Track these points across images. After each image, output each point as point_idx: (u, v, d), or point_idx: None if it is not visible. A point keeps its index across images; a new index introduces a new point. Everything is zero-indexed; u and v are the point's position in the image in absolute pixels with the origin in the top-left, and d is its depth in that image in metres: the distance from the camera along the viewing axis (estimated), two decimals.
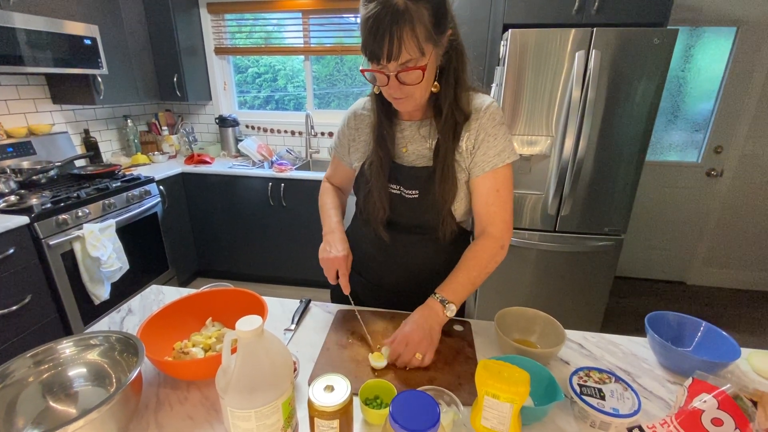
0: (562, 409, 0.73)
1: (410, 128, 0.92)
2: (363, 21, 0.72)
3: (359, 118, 0.98)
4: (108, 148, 2.84)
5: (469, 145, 0.88)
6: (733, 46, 2.53)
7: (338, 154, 1.05)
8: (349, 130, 1.00)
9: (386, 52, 0.71)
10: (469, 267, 0.88)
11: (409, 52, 0.72)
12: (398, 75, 0.75)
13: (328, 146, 3.10)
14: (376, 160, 0.91)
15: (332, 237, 0.96)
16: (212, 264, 3.02)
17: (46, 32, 1.93)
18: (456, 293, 0.85)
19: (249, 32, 3.06)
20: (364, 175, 0.95)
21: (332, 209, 1.04)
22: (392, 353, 0.81)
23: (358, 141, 0.99)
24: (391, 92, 0.80)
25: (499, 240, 0.89)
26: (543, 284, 2.27)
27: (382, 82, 0.78)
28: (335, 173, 1.11)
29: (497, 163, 0.87)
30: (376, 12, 0.69)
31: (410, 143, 0.92)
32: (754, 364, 0.84)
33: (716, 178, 2.79)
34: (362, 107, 0.98)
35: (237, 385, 0.54)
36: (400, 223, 0.95)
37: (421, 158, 0.91)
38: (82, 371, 0.74)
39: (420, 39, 0.71)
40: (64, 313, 1.93)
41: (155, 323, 0.81)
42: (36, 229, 1.77)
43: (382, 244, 0.97)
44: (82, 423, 0.55)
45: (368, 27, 0.71)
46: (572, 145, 1.97)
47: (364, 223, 1.01)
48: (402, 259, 0.98)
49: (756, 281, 2.98)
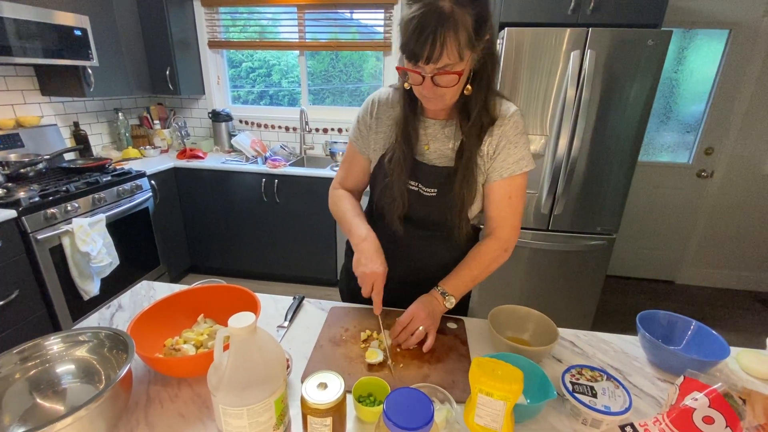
0: (554, 406, 0.73)
1: (434, 126, 0.92)
2: (406, 21, 0.71)
3: (381, 107, 0.96)
4: (98, 142, 2.80)
5: (490, 150, 0.89)
6: (726, 48, 2.56)
7: (356, 143, 1.01)
8: (370, 118, 0.97)
9: (427, 54, 0.70)
10: (471, 265, 0.93)
11: (449, 56, 0.71)
12: (434, 77, 0.75)
13: (321, 142, 3.09)
14: (399, 156, 0.90)
15: (367, 247, 0.89)
16: (204, 260, 2.99)
17: (35, 22, 1.89)
18: (457, 288, 0.91)
19: (243, 26, 3.03)
20: (383, 168, 0.94)
21: (357, 216, 0.98)
22: (397, 326, 0.84)
23: (377, 131, 0.96)
24: (424, 92, 0.79)
25: (505, 243, 0.93)
26: (536, 282, 2.29)
27: (417, 81, 0.78)
28: (350, 171, 1.05)
29: (514, 170, 0.88)
30: (421, 13, 0.69)
31: (432, 141, 0.92)
32: (742, 363, 0.85)
33: (706, 179, 2.83)
34: (386, 96, 0.96)
35: (229, 383, 0.54)
36: (414, 218, 0.96)
37: (443, 158, 0.91)
38: (71, 368, 0.72)
39: (461, 44, 0.71)
40: (53, 309, 1.90)
41: (146, 320, 0.80)
42: (24, 223, 1.73)
43: (395, 238, 0.97)
44: (70, 420, 0.54)
45: (412, 27, 0.70)
46: (566, 145, 1.98)
47: (377, 215, 1.00)
48: (413, 254, 1.00)
49: (743, 281, 3.03)
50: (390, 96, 0.95)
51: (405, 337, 0.84)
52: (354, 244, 0.93)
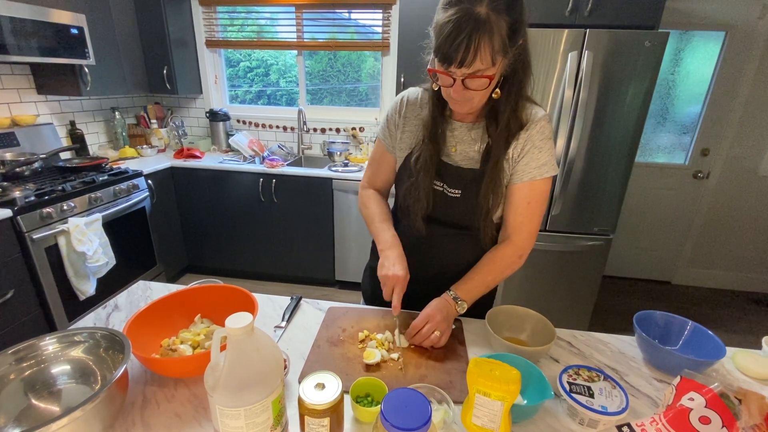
0: (551, 406, 0.73)
1: (460, 129, 0.92)
2: (441, 24, 0.71)
3: (410, 107, 0.96)
4: (95, 141, 2.78)
5: (515, 153, 0.88)
6: (722, 50, 2.58)
7: (385, 141, 1.02)
8: (399, 117, 0.97)
9: (460, 58, 0.71)
10: (485, 271, 0.93)
11: (482, 61, 0.71)
12: (465, 80, 0.75)
13: (319, 142, 3.09)
14: (426, 156, 0.90)
15: (392, 254, 0.92)
16: (201, 260, 2.98)
17: (31, 20, 1.88)
18: (469, 293, 0.91)
19: (241, 25, 3.02)
20: (408, 168, 0.95)
21: (384, 222, 1.01)
22: (412, 328, 0.85)
23: (404, 130, 0.97)
24: (453, 95, 0.79)
25: (520, 249, 0.93)
26: (533, 283, 2.29)
27: (447, 83, 0.78)
28: (378, 169, 1.06)
29: (536, 175, 0.88)
30: (457, 18, 0.69)
31: (459, 143, 0.92)
32: (738, 363, 0.86)
33: (702, 180, 2.84)
34: (415, 96, 0.96)
35: (226, 383, 0.54)
36: (438, 218, 0.96)
37: (468, 160, 0.92)
38: (66, 368, 0.72)
39: (495, 50, 0.71)
40: (48, 309, 1.89)
41: (142, 320, 0.79)
42: (19, 223, 1.72)
43: (418, 237, 0.98)
44: (65, 421, 0.53)
45: (447, 31, 0.70)
46: (564, 146, 1.99)
47: (402, 214, 1.01)
48: (436, 253, 1.00)
49: (739, 281, 3.05)
50: (420, 96, 0.96)
51: (420, 340, 0.85)
52: (380, 250, 0.96)
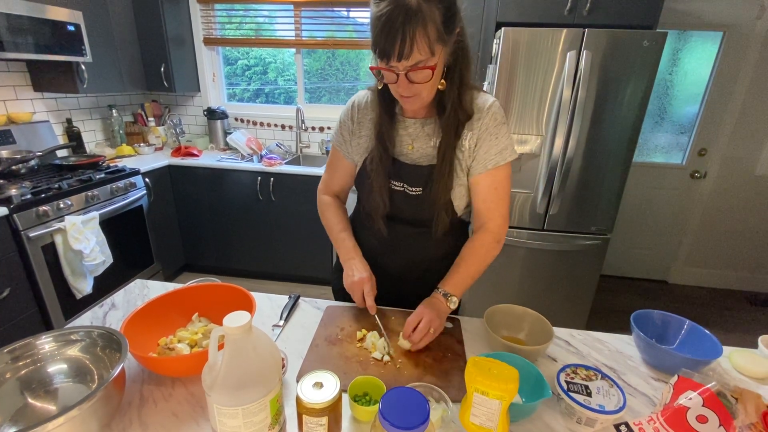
0: (549, 405, 0.73)
1: (414, 125, 0.91)
2: (374, 19, 0.71)
3: (362, 111, 0.95)
4: (91, 139, 2.77)
5: (471, 143, 0.88)
6: (719, 50, 2.58)
7: (340, 147, 1.01)
8: (352, 122, 0.97)
9: (397, 51, 0.70)
10: (468, 263, 0.93)
11: (421, 52, 0.71)
12: (408, 74, 0.74)
13: (318, 141, 3.08)
14: (376, 157, 0.90)
15: (353, 263, 0.95)
16: (199, 258, 2.97)
17: (27, 17, 1.86)
18: (457, 287, 0.91)
19: (239, 23, 3.01)
20: (366, 170, 0.95)
21: (342, 232, 1.02)
22: (407, 326, 0.85)
23: (360, 135, 0.96)
24: (400, 90, 0.79)
25: (496, 235, 0.93)
26: (531, 282, 2.30)
27: (391, 79, 0.77)
28: (335, 173, 1.05)
29: (498, 161, 0.88)
30: (388, 11, 0.68)
31: (415, 140, 0.92)
32: (734, 362, 0.86)
33: (699, 179, 2.85)
34: (365, 99, 0.96)
35: (224, 382, 0.53)
36: (402, 218, 0.96)
37: (426, 156, 0.91)
38: (63, 367, 0.72)
39: (431, 39, 0.71)
40: (45, 308, 1.88)
41: (139, 318, 0.79)
42: (15, 221, 1.71)
43: (384, 237, 0.99)
44: (62, 420, 0.53)
45: (380, 26, 0.70)
46: (562, 145, 1.99)
47: (366, 216, 1.01)
48: (403, 251, 1.00)
49: (735, 281, 3.06)
50: (368, 98, 0.95)
51: (418, 338, 0.84)
52: (342, 261, 0.99)
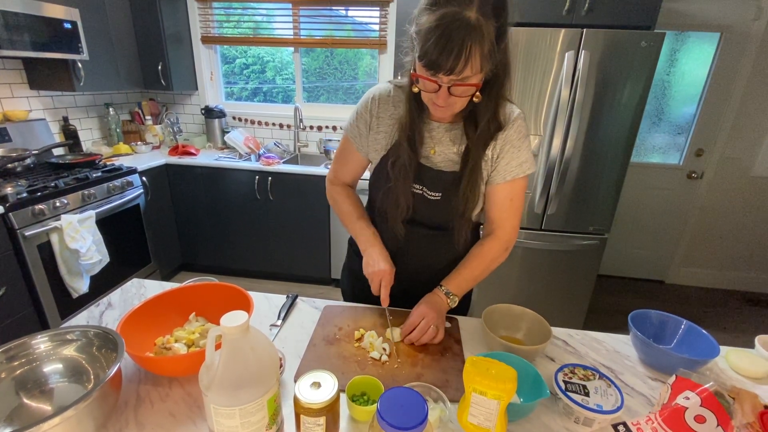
0: (547, 405, 0.73)
1: (438, 129, 0.89)
2: (429, 29, 0.67)
3: (382, 105, 0.91)
4: (88, 137, 2.75)
5: (494, 153, 0.88)
6: (717, 51, 2.59)
7: (354, 140, 0.97)
8: (369, 115, 0.93)
9: (450, 66, 0.67)
10: (473, 265, 0.94)
11: (472, 69, 0.69)
12: (451, 88, 0.72)
13: (316, 140, 3.07)
14: (404, 160, 0.87)
15: (374, 252, 0.93)
16: (196, 258, 2.96)
17: (23, 14, 1.85)
18: (459, 287, 0.93)
19: (237, 22, 3.00)
20: (385, 170, 0.91)
21: (360, 220, 1.00)
22: (408, 326, 0.85)
23: (378, 131, 0.93)
24: (437, 101, 0.76)
25: (506, 243, 0.95)
26: (529, 281, 2.30)
27: (431, 89, 0.74)
28: (346, 165, 1.02)
29: (517, 173, 0.88)
30: (446, 22, 0.65)
31: (438, 145, 0.90)
32: (731, 362, 0.86)
33: (696, 180, 2.86)
34: (387, 94, 0.91)
35: (221, 382, 0.53)
36: (418, 221, 0.95)
37: (448, 162, 0.90)
38: (58, 367, 0.71)
39: (484, 57, 0.69)
40: (41, 307, 1.87)
41: (136, 318, 0.78)
42: (11, 219, 1.70)
43: (398, 240, 0.97)
44: (57, 421, 0.53)
45: (435, 38, 0.66)
46: (560, 145, 1.99)
47: (380, 218, 0.99)
48: (416, 255, 1.00)
49: (732, 281, 3.08)
50: (391, 93, 0.91)
51: (418, 336, 0.84)
52: (362, 249, 0.97)
